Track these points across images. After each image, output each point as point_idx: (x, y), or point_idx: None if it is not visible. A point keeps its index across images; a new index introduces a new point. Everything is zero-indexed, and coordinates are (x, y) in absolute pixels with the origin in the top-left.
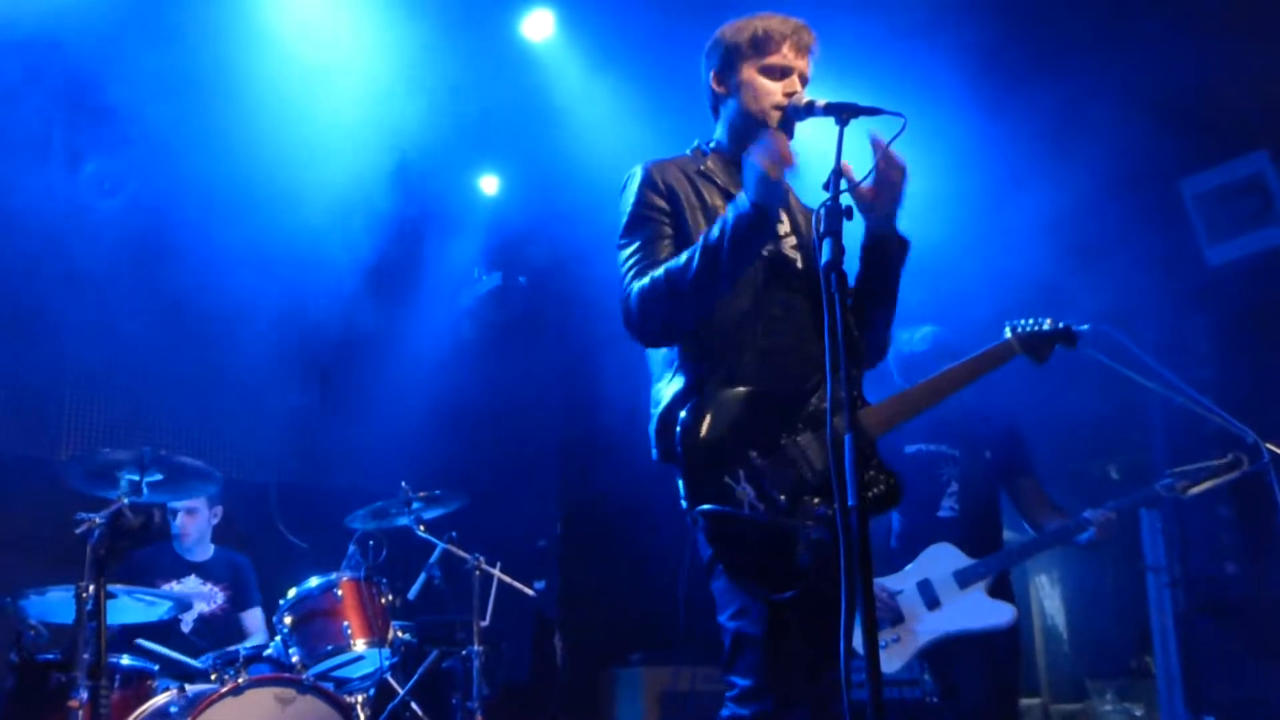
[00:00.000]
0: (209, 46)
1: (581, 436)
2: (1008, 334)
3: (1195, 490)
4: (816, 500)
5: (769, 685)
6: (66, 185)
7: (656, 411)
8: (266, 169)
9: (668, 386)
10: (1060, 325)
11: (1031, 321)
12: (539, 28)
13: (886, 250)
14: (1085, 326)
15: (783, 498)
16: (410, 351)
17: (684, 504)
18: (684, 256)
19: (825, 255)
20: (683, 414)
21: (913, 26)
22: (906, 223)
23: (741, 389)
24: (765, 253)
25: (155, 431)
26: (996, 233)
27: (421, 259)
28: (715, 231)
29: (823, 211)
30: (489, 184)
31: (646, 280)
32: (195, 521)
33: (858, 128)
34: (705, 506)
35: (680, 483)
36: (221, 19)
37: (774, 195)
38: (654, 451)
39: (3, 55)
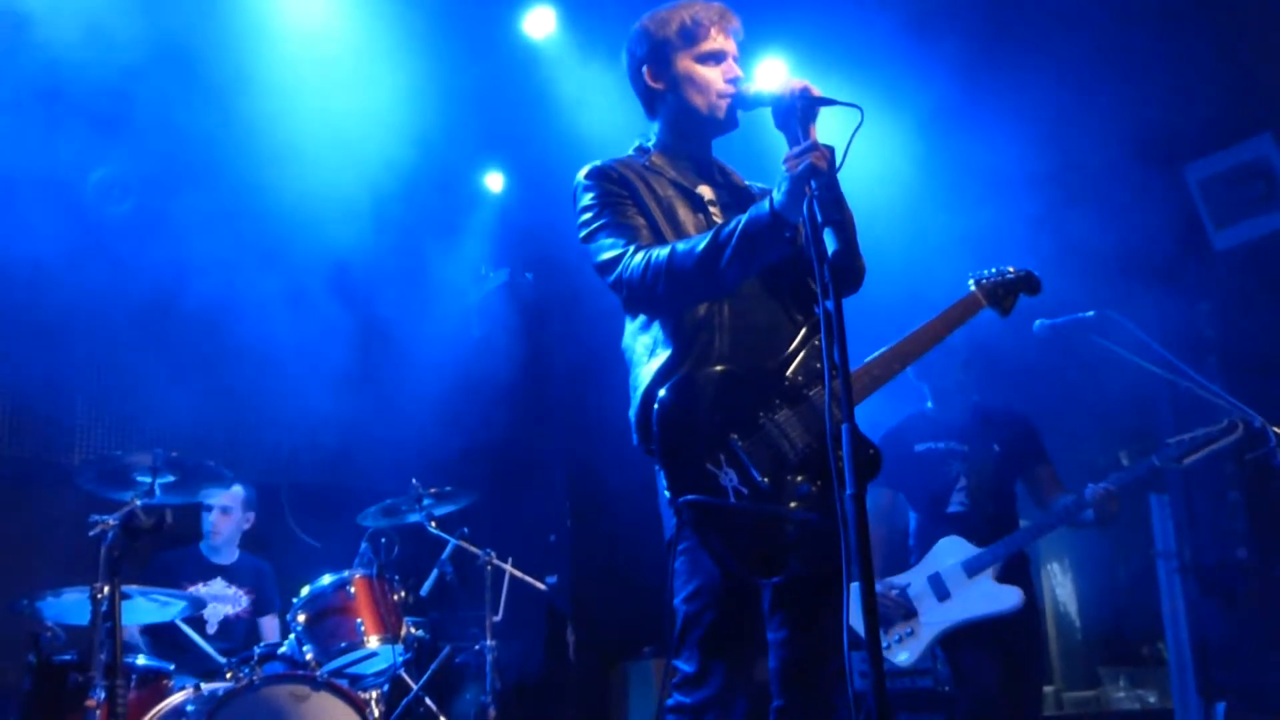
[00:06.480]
0: (212, 48)
1: (591, 430)
2: (971, 286)
3: (1194, 457)
4: (799, 478)
5: (712, 671)
6: (76, 194)
7: (635, 397)
8: (271, 169)
9: (645, 370)
10: (1023, 271)
11: (994, 270)
12: (540, 25)
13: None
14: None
15: (765, 479)
16: (418, 348)
17: (665, 494)
18: (689, 242)
19: (832, 245)
20: (661, 393)
21: (913, 10)
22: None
23: (716, 369)
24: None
25: (167, 434)
26: (998, 219)
27: (428, 256)
28: (728, 227)
29: (818, 201)
30: (494, 181)
31: (651, 255)
32: (228, 522)
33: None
34: (690, 497)
35: (660, 472)
36: (223, 18)
37: (799, 210)
38: (634, 437)
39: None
